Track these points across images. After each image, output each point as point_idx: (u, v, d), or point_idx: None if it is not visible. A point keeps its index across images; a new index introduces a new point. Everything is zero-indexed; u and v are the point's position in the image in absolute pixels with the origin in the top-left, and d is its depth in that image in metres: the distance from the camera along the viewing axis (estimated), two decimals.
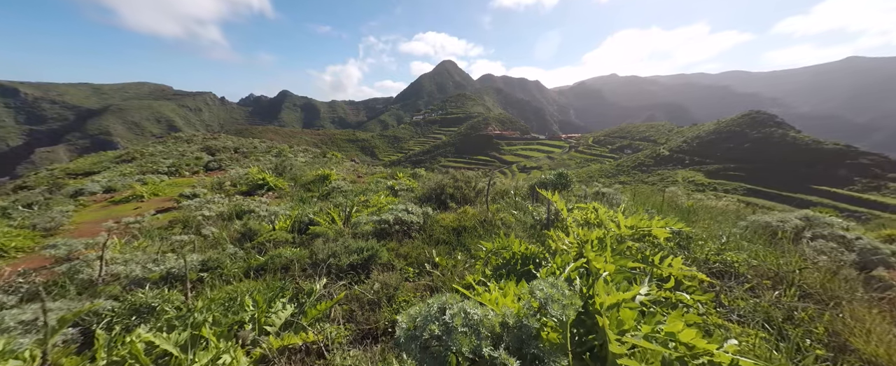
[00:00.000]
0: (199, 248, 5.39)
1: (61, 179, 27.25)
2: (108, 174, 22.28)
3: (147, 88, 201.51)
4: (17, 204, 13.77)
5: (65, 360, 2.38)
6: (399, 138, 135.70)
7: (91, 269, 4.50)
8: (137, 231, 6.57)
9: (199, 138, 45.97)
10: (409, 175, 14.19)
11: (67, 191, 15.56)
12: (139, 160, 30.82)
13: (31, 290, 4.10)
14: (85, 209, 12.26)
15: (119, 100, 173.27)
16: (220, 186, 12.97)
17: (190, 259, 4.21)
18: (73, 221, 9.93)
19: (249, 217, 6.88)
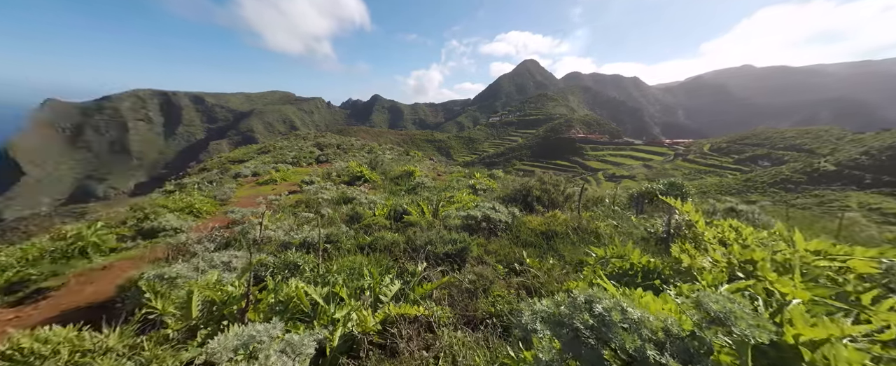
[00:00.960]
0: (321, 224, 6.62)
1: (226, 164, 36.42)
2: (253, 162, 28.85)
3: (277, 95, 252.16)
4: (204, 181, 19.27)
5: (254, 291, 3.33)
6: (474, 140, 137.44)
7: (254, 231, 5.96)
8: (277, 207, 8.38)
9: (311, 136, 55.56)
10: (486, 176, 14.41)
11: (231, 173, 20.90)
12: (272, 152, 38.96)
13: (222, 241, 5.71)
14: (241, 187, 16.22)
15: (260, 105, 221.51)
16: (329, 176, 15.45)
17: (317, 233, 5.23)
18: (237, 195, 13.27)
19: (355, 203, 8.09)
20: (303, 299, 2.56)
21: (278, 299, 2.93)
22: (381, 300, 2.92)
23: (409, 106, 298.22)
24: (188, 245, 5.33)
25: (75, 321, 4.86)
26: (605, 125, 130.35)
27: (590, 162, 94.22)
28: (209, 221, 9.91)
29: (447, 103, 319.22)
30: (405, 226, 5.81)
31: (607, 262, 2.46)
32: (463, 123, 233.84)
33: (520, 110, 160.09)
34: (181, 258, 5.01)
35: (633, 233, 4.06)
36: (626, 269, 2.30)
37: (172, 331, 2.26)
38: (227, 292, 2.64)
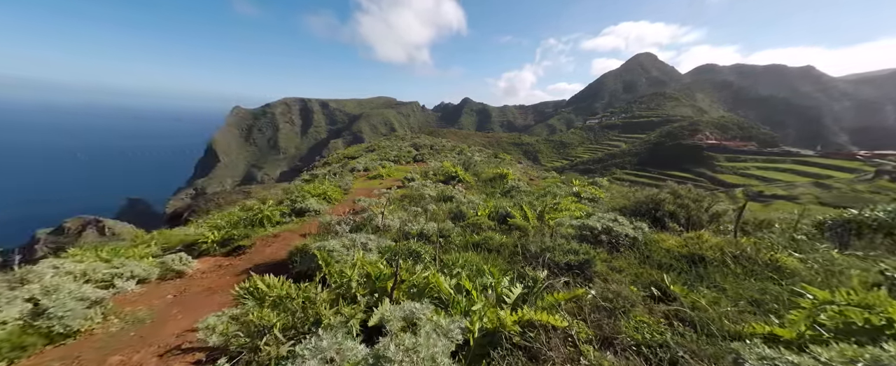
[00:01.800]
0: (429, 219, 7.14)
1: (342, 160, 43.25)
2: (363, 159, 33.50)
3: (381, 101, 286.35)
4: (330, 173, 23.55)
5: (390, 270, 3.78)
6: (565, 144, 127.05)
7: (377, 219, 6.80)
8: (388, 200, 9.42)
9: (408, 137, 61.32)
10: (586, 183, 13.16)
11: (348, 168, 24.85)
12: (377, 151, 44.47)
13: (354, 225, 6.73)
14: (357, 180, 19.04)
15: (368, 109, 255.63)
16: (426, 175, 16.66)
17: (430, 226, 5.66)
18: (354, 186, 15.65)
19: (456, 202, 8.50)
20: (442, 286, 2.83)
21: (414, 283, 3.29)
22: (504, 301, 2.97)
23: (498, 108, 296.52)
24: (332, 225, 6.52)
25: (263, 272, 6.61)
26: (751, 130, 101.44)
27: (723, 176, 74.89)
28: (337, 206, 12.02)
29: (538, 105, 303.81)
30: (510, 229, 5.80)
31: (821, 309, 1.87)
32: (554, 125, 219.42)
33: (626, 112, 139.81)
34: (330, 236, 6.14)
35: (831, 270, 3.01)
36: (875, 324, 1.70)
37: (358, 293, 2.80)
38: (381, 269, 3.13)
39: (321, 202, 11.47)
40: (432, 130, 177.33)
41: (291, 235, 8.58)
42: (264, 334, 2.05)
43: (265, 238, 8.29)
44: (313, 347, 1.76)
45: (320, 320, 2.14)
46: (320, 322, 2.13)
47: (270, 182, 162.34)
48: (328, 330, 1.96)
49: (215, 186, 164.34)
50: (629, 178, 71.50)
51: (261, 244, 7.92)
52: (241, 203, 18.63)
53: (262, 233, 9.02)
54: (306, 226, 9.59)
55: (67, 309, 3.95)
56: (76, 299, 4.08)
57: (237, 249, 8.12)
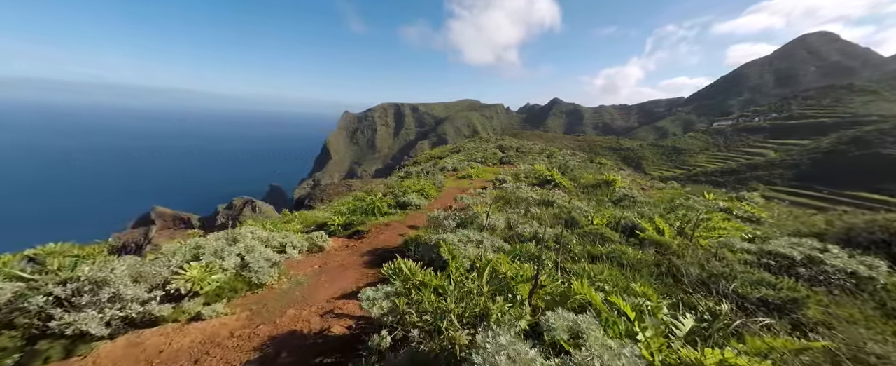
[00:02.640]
0: (530, 221, 6.75)
1: (430, 160, 45.83)
2: (450, 159, 34.79)
3: (466, 103, 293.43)
4: (423, 171, 25.32)
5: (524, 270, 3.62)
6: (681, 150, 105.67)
7: (480, 218, 6.72)
8: (491, 199, 9.32)
9: (493, 139, 61.12)
10: (730, 198, 10.54)
11: (438, 167, 26.23)
12: (463, 152, 45.62)
13: (460, 221, 6.82)
14: (448, 179, 19.84)
15: (453, 112, 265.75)
16: (518, 177, 16.11)
17: (545, 230, 5.28)
18: (447, 184, 16.30)
19: (560, 207, 7.87)
20: (595, 300, 2.55)
21: (550, 291, 3.06)
22: (673, 333, 2.48)
23: (592, 109, 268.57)
24: (440, 220, 6.82)
25: (382, 255, 7.43)
26: None
27: None
28: (434, 202, 12.75)
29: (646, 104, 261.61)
30: (640, 243, 5.00)
31: None
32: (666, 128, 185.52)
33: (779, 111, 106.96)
34: (440, 229, 6.41)
35: None
36: None
37: (518, 293, 2.78)
38: (521, 270, 3.03)
39: (420, 198, 12.31)
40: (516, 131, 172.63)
41: (399, 225, 9.44)
42: (444, 317, 2.19)
43: (378, 226, 9.33)
44: (493, 342, 1.75)
45: (488, 313, 2.17)
46: (487, 316, 2.16)
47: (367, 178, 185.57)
48: (500, 326, 1.95)
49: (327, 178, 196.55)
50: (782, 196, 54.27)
51: (375, 231, 8.93)
52: (353, 194, 21.62)
53: (374, 221, 10.22)
54: (410, 218, 10.44)
55: (260, 266, 5.15)
56: (264, 259, 5.28)
57: (356, 232, 9.36)
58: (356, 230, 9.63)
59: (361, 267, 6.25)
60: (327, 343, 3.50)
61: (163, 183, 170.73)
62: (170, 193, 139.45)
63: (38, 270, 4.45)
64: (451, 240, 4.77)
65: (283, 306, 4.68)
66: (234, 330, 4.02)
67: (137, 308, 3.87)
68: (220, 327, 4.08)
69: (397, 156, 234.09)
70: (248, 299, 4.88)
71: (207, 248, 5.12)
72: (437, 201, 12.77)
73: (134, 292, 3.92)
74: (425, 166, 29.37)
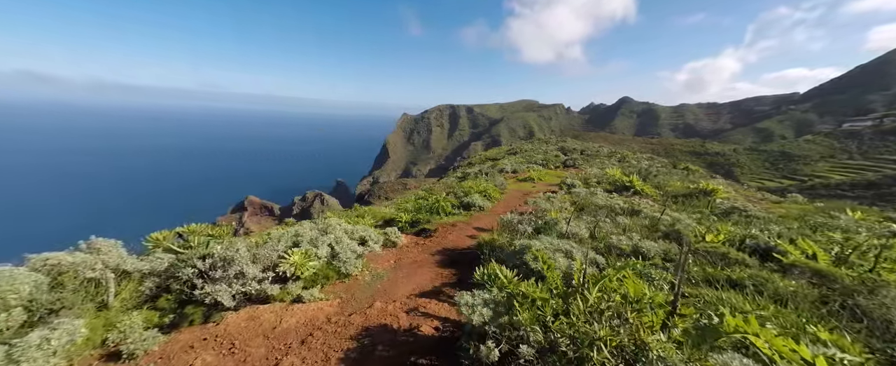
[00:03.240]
0: (623, 232, 5.99)
1: (485, 161, 45.32)
2: (507, 160, 33.87)
3: (523, 104, 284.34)
4: (480, 172, 25.14)
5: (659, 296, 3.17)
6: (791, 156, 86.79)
7: (560, 225, 6.17)
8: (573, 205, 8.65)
9: (553, 140, 57.99)
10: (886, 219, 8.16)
11: (497, 169, 25.73)
12: (519, 154, 44.14)
13: (535, 225, 6.41)
14: (508, 181, 19.27)
15: (509, 113, 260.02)
16: (587, 182, 14.82)
17: (649, 245, 4.61)
18: (508, 187, 15.80)
19: (652, 218, 6.92)
20: (776, 343, 2.02)
21: (695, 324, 2.56)
22: None
23: (670, 108, 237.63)
24: (514, 224, 6.51)
25: (453, 256, 7.45)
26: None
27: None
28: (498, 204, 12.44)
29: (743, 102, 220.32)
30: (783, 269, 4.04)
31: None
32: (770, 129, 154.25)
33: None
34: (515, 233, 6.10)
35: None
36: None
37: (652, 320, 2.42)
38: (647, 292, 2.61)
39: (483, 199, 12.10)
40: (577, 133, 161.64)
41: (465, 226, 9.39)
42: (592, 345, 1.96)
43: (445, 225, 9.39)
44: None
45: (644, 347, 1.86)
46: (644, 350, 1.84)
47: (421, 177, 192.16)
48: None
49: (385, 176, 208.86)
50: None
51: (442, 230, 9.00)
52: (415, 193, 22.41)
53: (439, 220, 10.34)
54: (475, 219, 10.32)
55: (347, 257, 5.49)
56: (351, 250, 5.61)
57: (424, 231, 9.55)
58: (423, 228, 9.84)
59: (434, 266, 6.29)
60: (418, 342, 3.50)
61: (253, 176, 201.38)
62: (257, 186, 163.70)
63: (182, 245, 5.39)
64: (538, 247, 4.46)
65: (369, 297, 4.90)
66: (330, 316, 4.31)
67: (256, 286, 4.40)
68: (317, 311, 4.41)
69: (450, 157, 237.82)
70: (338, 287, 5.23)
71: (304, 236, 5.65)
72: (500, 204, 12.42)
73: (253, 271, 4.46)
74: (482, 168, 29.08)
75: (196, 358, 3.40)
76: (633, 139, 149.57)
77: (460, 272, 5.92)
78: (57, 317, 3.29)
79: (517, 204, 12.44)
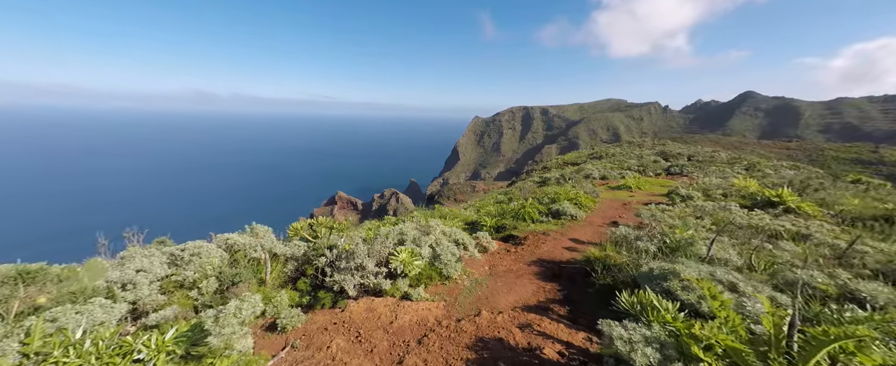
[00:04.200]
0: (797, 263, 4.60)
1: (563, 166, 42.13)
2: (592, 165, 30.73)
3: (608, 103, 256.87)
4: (562, 177, 23.31)
5: None
6: None
7: (696, 246, 5.02)
8: (715, 225, 7.19)
9: (648, 144, 50.49)
10: None
11: (582, 174, 23.50)
12: (606, 158, 39.68)
13: (658, 243, 5.36)
14: (598, 188, 17.33)
15: (590, 113, 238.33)
16: (708, 194, 12.24)
17: (872, 289, 3.35)
18: (602, 196, 14.14)
19: (834, 247, 5.16)
20: None
21: None
22: None
23: (822, 104, 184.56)
24: (631, 240, 5.61)
25: (551, 268, 6.92)
26: None
27: None
28: (592, 214, 11.21)
29: None
30: None
31: None
32: None
33: None
34: (631, 250, 5.24)
35: None
36: None
37: None
38: None
39: (575, 207, 11.03)
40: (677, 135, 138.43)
41: (558, 236, 8.65)
42: None
43: (535, 234, 8.81)
44: None
45: None
46: None
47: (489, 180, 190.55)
48: None
49: (454, 178, 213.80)
50: None
51: (533, 239, 8.45)
52: (492, 196, 22.10)
53: (527, 227, 9.79)
54: (568, 229, 9.45)
55: (448, 260, 5.50)
56: (451, 253, 5.61)
57: (511, 237, 9.15)
58: (510, 235, 9.44)
59: (533, 278, 5.86)
60: None
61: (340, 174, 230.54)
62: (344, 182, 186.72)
63: (311, 234, 6.20)
64: (690, 274, 3.66)
65: (472, 303, 4.78)
66: (439, 318, 4.31)
67: (372, 279, 4.71)
68: (426, 311, 4.47)
69: (520, 160, 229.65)
70: (440, 289, 5.27)
71: (408, 235, 5.88)
72: (595, 214, 11.16)
73: (370, 265, 4.80)
74: (563, 172, 27.00)
75: (331, 341, 3.74)
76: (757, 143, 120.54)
77: (564, 288, 5.37)
78: (235, 288, 4.03)
79: (616, 215, 10.99)
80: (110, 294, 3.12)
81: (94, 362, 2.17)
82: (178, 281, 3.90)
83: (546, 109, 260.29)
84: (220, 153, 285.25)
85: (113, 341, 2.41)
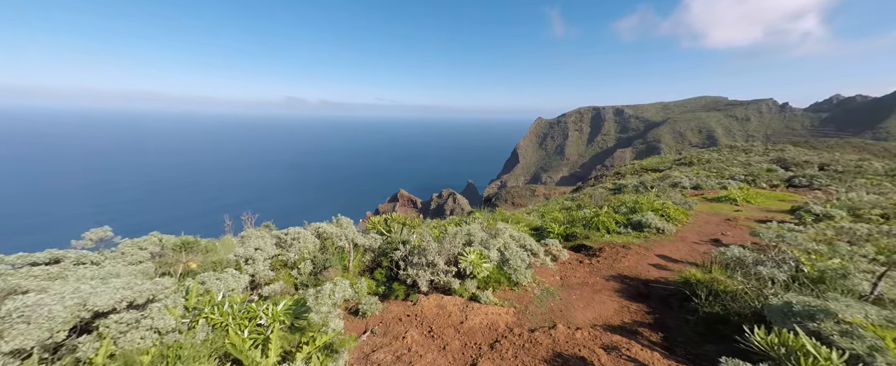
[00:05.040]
0: None
1: (641, 172, 37.53)
2: (680, 173, 26.60)
3: (702, 102, 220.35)
4: (641, 185, 20.69)
5: None
6: None
7: (852, 279, 3.93)
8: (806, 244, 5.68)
9: (758, 148, 41.65)
10: None
11: (668, 182, 20.51)
12: (699, 165, 34.00)
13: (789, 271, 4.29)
14: (691, 199, 14.90)
15: (676, 113, 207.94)
16: (856, 214, 9.51)
17: None
18: (697, 208, 12.09)
19: None
20: None
21: None
22: None
23: None
24: (747, 263, 4.62)
25: (634, 286, 6.18)
26: None
27: None
28: (684, 228, 9.65)
29: None
30: None
31: None
32: None
33: None
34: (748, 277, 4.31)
35: None
36: None
37: None
38: None
39: (661, 220, 9.64)
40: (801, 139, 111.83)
41: (642, 250, 7.65)
42: None
43: (613, 246, 7.94)
44: None
45: None
46: None
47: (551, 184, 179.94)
48: None
49: (512, 181, 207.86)
50: None
51: (610, 251, 7.62)
52: (558, 201, 20.85)
53: (601, 238, 8.90)
54: (654, 243, 8.29)
55: (517, 265, 5.29)
56: (520, 259, 5.39)
57: (583, 247, 8.42)
58: (581, 244, 8.70)
59: (614, 295, 5.26)
60: None
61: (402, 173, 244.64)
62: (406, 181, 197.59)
63: (386, 228, 6.63)
64: (852, 315, 2.85)
65: (545, 314, 4.50)
66: (510, 325, 4.16)
67: (442, 277, 4.79)
68: (495, 315, 4.36)
69: (588, 164, 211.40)
70: (508, 295, 5.10)
71: (476, 237, 5.84)
72: (688, 229, 9.59)
73: (440, 263, 4.89)
74: (643, 179, 23.97)
75: (406, 331, 3.90)
76: None
77: (654, 311, 4.69)
78: (325, 272, 4.52)
79: (717, 232, 9.28)
80: (238, 266, 3.80)
81: (231, 321, 2.66)
82: (283, 260, 4.54)
83: (621, 109, 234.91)
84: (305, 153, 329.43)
85: (242, 306, 2.91)
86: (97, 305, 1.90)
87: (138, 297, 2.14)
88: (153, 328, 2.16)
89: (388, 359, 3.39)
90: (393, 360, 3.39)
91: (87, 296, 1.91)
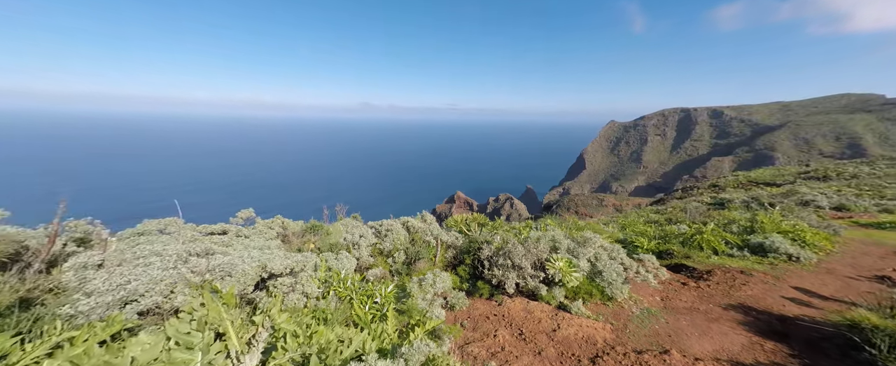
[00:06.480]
0: None
1: (748, 186, 31.12)
2: (812, 187, 21.29)
3: (843, 101, 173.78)
4: (754, 201, 17.13)
5: None
6: None
7: None
8: None
9: None
10: None
11: (794, 199, 16.61)
12: (836, 180, 26.90)
13: None
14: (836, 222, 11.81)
15: (801, 116, 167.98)
16: None
17: None
18: (846, 235, 9.53)
19: None
20: None
21: None
22: None
23: None
24: None
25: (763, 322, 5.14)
26: None
27: None
28: (831, 258, 7.65)
29: None
30: None
31: None
32: None
33: None
34: None
35: None
36: None
37: None
38: None
39: (795, 246, 7.79)
40: None
41: (770, 280, 6.28)
42: None
43: (726, 270, 6.71)
44: None
45: None
46: None
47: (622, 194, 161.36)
48: None
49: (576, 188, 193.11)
50: None
51: (723, 276, 6.45)
52: (640, 213, 18.65)
53: (707, 259, 7.59)
54: (786, 273, 6.74)
55: (612, 278, 4.83)
56: (616, 272, 4.90)
57: (683, 267, 7.31)
58: (680, 264, 7.56)
59: (736, 326, 4.42)
60: None
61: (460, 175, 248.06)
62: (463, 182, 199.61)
63: (466, 228, 6.74)
64: None
65: (648, 336, 4.01)
66: (609, 342, 3.81)
67: (529, 281, 4.64)
68: (591, 329, 4.04)
69: (670, 174, 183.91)
70: (601, 309, 4.69)
71: (561, 243, 5.52)
72: (835, 259, 7.58)
73: (527, 267, 4.74)
74: (754, 194, 19.88)
75: (496, 330, 3.87)
76: None
77: (801, 354, 3.78)
78: (416, 263, 4.78)
79: (883, 266, 7.15)
80: (348, 249, 4.30)
81: (354, 295, 3.01)
82: (379, 249, 4.96)
83: (718, 110, 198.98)
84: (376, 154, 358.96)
85: (359, 284, 3.26)
86: (273, 268, 2.38)
87: (296, 266, 2.59)
88: (303, 293, 2.58)
89: (483, 354, 3.40)
90: (488, 356, 3.39)
91: (266, 260, 2.41)
